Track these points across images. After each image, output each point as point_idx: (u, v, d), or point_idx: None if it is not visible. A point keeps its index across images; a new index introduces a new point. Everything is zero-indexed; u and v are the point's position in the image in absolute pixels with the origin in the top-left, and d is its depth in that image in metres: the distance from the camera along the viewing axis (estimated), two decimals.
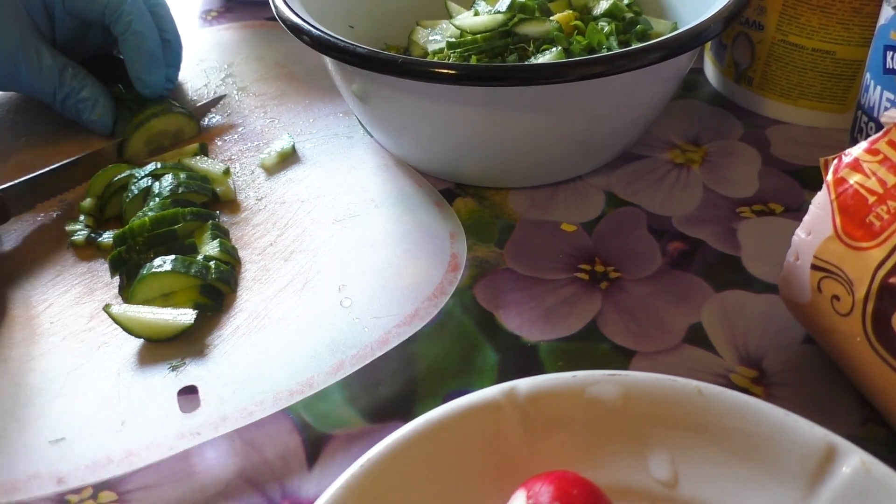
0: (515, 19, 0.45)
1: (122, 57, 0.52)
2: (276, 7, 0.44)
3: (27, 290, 0.41)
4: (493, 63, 0.45)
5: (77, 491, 0.32)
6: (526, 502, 0.26)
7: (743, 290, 0.39)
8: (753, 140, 0.50)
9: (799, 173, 0.47)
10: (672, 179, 0.47)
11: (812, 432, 0.27)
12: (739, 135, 0.50)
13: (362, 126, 0.51)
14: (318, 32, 0.41)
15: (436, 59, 0.47)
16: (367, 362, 0.35)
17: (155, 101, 0.51)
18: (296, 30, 0.42)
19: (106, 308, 0.37)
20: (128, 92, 0.53)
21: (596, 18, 0.47)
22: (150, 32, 0.51)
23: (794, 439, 0.27)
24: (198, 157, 0.48)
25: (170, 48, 0.54)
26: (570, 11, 0.47)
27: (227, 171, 0.47)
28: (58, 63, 0.50)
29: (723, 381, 0.35)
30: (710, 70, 0.55)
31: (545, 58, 0.43)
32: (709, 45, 0.55)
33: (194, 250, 0.41)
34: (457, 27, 0.47)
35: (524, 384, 0.29)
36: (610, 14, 0.47)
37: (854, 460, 0.26)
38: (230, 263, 0.41)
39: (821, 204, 0.31)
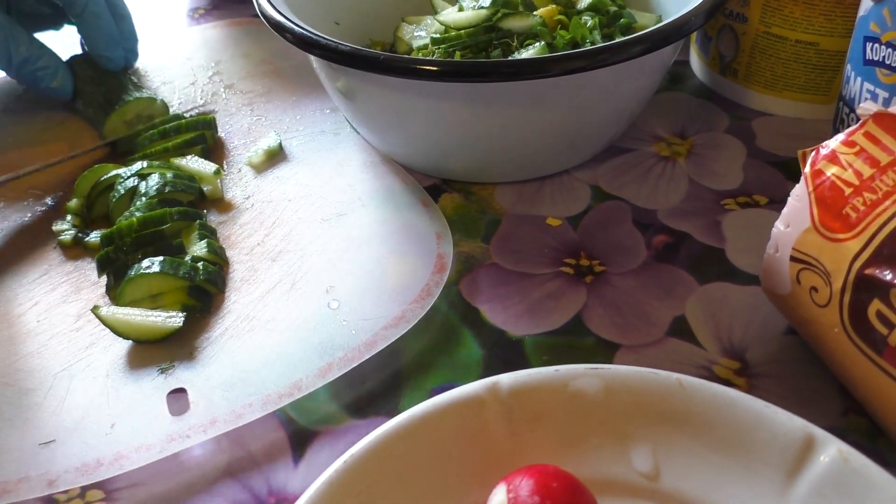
0: (499, 14, 0.45)
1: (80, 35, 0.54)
2: (258, 5, 0.44)
3: (13, 288, 0.41)
4: (477, 58, 0.45)
5: (65, 490, 0.32)
6: (506, 496, 0.26)
7: (727, 283, 0.39)
8: (739, 132, 0.50)
9: (784, 165, 0.47)
10: (658, 172, 0.47)
11: (791, 423, 0.27)
12: (725, 127, 0.50)
13: (349, 123, 0.51)
14: (301, 30, 0.41)
15: (420, 55, 0.47)
16: (354, 365, 0.35)
17: (118, 81, 0.54)
18: (279, 28, 0.42)
19: (94, 310, 0.37)
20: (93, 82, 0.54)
21: (580, 13, 0.48)
22: (104, 13, 0.53)
23: (773, 430, 0.28)
24: (189, 157, 0.48)
25: (125, 24, 0.56)
26: (554, 6, 0.47)
27: (217, 171, 0.47)
28: (14, 28, 0.51)
29: (706, 373, 0.35)
30: (695, 62, 0.56)
31: (529, 53, 0.44)
32: (694, 37, 0.55)
33: (182, 250, 0.41)
34: (441, 23, 0.47)
35: (507, 379, 0.29)
36: (594, 8, 0.47)
37: (832, 450, 0.27)
38: (218, 264, 0.41)
39: (799, 196, 0.31)
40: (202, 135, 0.49)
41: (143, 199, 0.43)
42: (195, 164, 0.47)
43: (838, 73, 0.48)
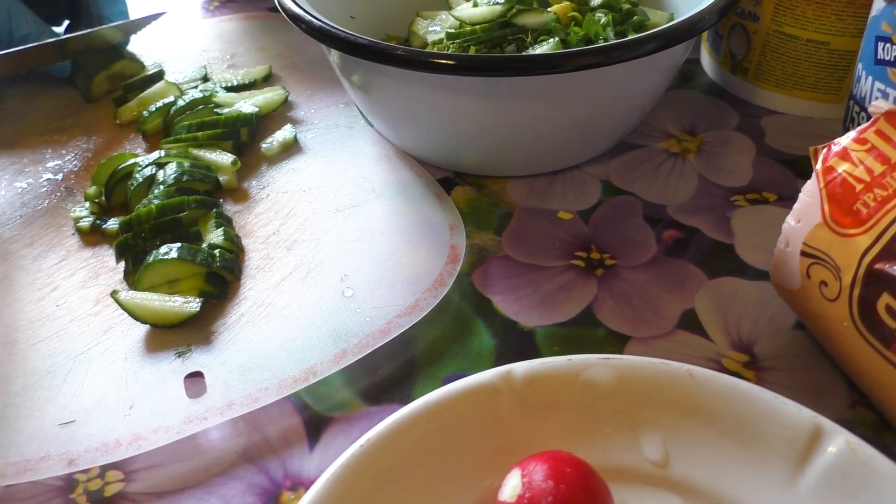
0: (514, 10, 0.46)
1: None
2: None
3: (32, 273, 0.42)
4: (491, 53, 0.45)
5: (85, 470, 0.33)
6: (521, 481, 0.26)
7: (736, 277, 0.40)
8: (748, 130, 0.50)
9: (793, 162, 0.47)
10: (668, 168, 0.47)
11: (800, 414, 0.28)
12: (734, 124, 0.51)
13: (363, 116, 0.52)
14: (320, 23, 0.42)
15: (435, 50, 0.47)
16: (368, 352, 0.36)
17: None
18: (297, 20, 0.43)
19: (113, 294, 0.38)
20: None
21: (593, 9, 0.48)
22: None
23: (782, 421, 0.28)
24: (203, 150, 0.48)
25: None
26: (568, 2, 0.48)
27: (234, 162, 0.47)
28: (15, 4, 0.52)
29: (715, 365, 0.36)
30: (706, 60, 0.56)
31: (543, 48, 0.44)
32: (705, 35, 0.56)
33: (199, 238, 0.42)
34: (456, 18, 0.47)
35: (521, 367, 0.30)
36: (607, 5, 0.48)
37: (840, 441, 0.27)
38: (234, 252, 0.42)
39: (810, 192, 0.32)
40: (236, 130, 0.50)
41: (161, 187, 0.44)
42: (212, 154, 0.48)
43: (848, 72, 0.48)
